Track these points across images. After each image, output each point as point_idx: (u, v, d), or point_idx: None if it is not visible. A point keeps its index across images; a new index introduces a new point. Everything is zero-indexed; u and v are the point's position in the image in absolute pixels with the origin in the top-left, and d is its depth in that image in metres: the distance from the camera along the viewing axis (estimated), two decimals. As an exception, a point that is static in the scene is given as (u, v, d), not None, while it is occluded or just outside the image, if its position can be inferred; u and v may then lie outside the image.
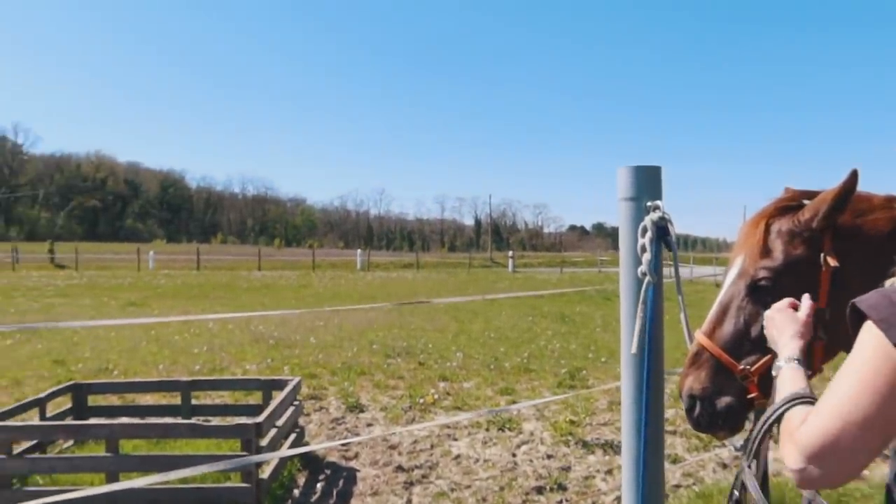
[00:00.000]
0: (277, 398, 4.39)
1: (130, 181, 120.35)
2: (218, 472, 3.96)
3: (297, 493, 4.27)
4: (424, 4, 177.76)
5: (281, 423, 4.30)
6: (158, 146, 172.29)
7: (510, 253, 49.77)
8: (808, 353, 1.46)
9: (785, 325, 1.38)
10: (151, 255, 40.87)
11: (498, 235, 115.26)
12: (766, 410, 1.22)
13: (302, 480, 4.47)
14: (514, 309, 15.41)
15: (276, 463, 4.16)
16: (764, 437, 1.29)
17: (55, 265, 40.48)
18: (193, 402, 5.32)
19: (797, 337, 1.35)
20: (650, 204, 1.70)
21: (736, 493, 1.49)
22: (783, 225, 1.54)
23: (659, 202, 1.70)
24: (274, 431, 4.11)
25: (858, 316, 1.04)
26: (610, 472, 4.62)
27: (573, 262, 57.24)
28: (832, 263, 1.44)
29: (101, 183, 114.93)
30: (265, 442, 3.87)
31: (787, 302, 1.42)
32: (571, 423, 5.68)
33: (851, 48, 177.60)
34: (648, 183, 1.73)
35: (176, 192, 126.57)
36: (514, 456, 4.96)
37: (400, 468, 4.68)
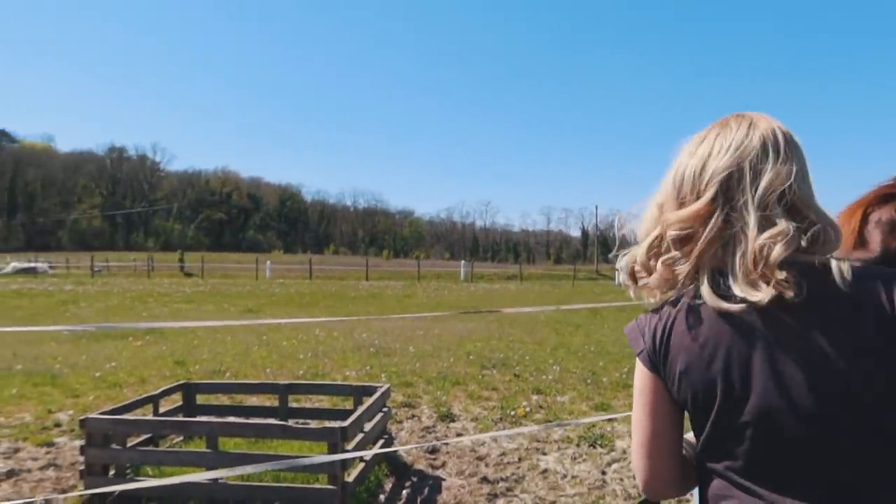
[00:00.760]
0: (366, 404, 4.50)
1: (252, 195, 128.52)
2: (308, 473, 4.11)
3: (382, 497, 4.35)
4: (532, 21, 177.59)
5: (368, 427, 4.41)
6: (278, 162, 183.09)
7: (617, 265, 48.31)
8: None
9: None
10: (268, 264, 43.35)
11: (605, 247, 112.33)
12: None
13: (388, 486, 4.55)
14: (618, 322, 14.95)
15: (362, 467, 4.26)
16: None
17: (184, 273, 43.85)
18: (294, 405, 5.57)
19: None
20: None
21: None
22: (883, 214, 1.40)
23: None
24: (360, 436, 4.21)
25: None
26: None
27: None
28: None
29: (226, 197, 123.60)
30: (351, 446, 3.97)
31: None
32: (668, 442, 5.41)
33: None
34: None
35: (293, 205, 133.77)
36: (603, 474, 4.79)
37: (485, 479, 4.65)
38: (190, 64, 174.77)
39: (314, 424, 5.35)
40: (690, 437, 1.23)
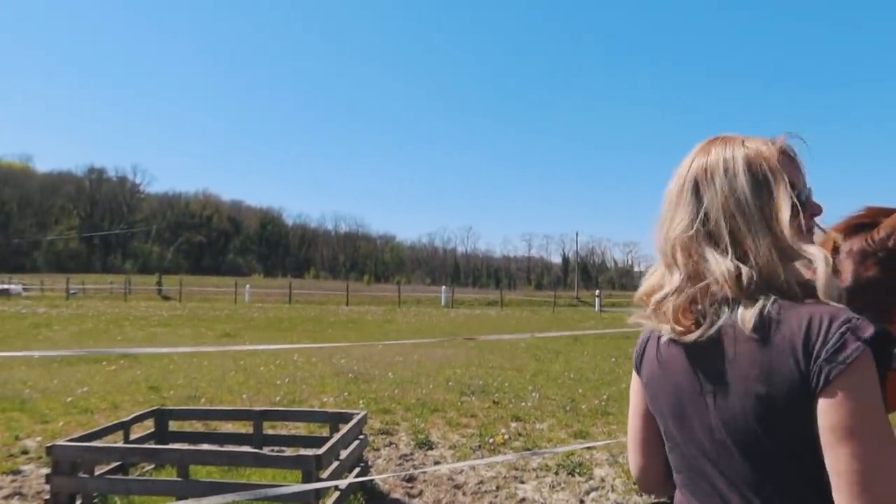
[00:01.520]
0: (341, 431, 4.44)
1: (233, 218, 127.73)
2: (282, 503, 4.03)
3: (357, 528, 4.27)
4: (509, 45, 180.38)
5: (344, 456, 4.34)
6: (260, 185, 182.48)
7: (597, 292, 48.41)
8: (881, 386, 1.33)
9: None
10: (248, 288, 42.91)
11: (586, 274, 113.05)
12: None
13: (364, 515, 4.48)
14: (597, 349, 14.97)
15: (337, 496, 4.19)
16: None
17: (162, 297, 43.24)
18: (270, 431, 5.49)
19: None
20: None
21: None
22: (854, 244, 1.42)
23: None
24: (336, 464, 4.15)
25: None
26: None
27: (665, 302, 54.91)
28: None
29: (207, 220, 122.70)
30: (326, 474, 3.91)
31: None
32: (646, 471, 5.40)
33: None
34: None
35: (274, 228, 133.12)
36: (581, 502, 4.77)
37: (462, 509, 4.60)
38: (173, 86, 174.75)
39: (289, 452, 5.27)
40: None
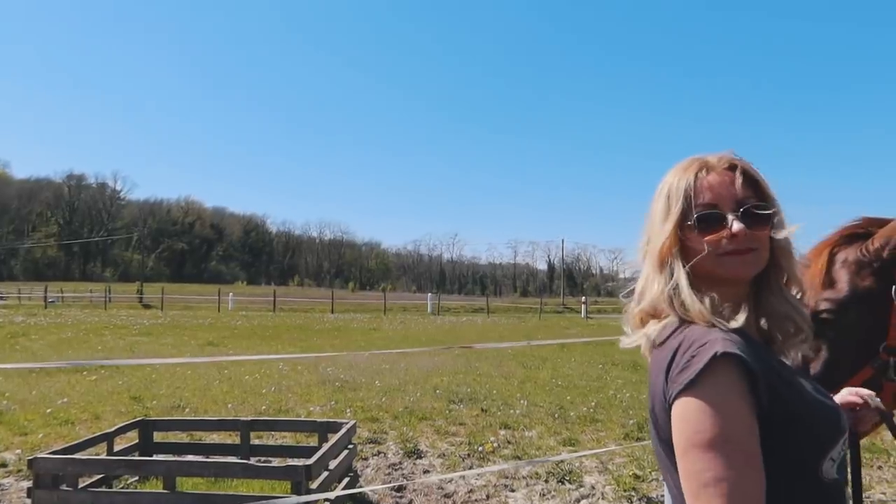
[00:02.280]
0: (331, 441, 4.38)
1: (216, 225, 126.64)
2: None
3: (347, 539, 4.21)
4: (495, 50, 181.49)
5: (333, 466, 4.28)
6: (243, 191, 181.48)
7: (583, 298, 48.53)
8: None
9: None
10: (231, 296, 42.55)
11: (571, 280, 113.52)
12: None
13: (354, 526, 4.41)
14: (584, 356, 14.99)
15: (326, 507, 4.13)
16: None
17: (143, 305, 42.73)
18: (256, 441, 5.41)
19: None
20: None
21: None
22: (849, 254, 1.42)
23: None
24: (325, 474, 4.09)
25: None
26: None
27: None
28: None
29: (189, 227, 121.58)
30: (315, 485, 3.85)
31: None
32: (636, 477, 5.39)
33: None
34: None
35: (257, 235, 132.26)
36: (573, 511, 4.74)
37: (453, 518, 4.55)
38: (155, 91, 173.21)
39: (277, 462, 5.20)
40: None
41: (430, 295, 49.92)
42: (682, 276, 1.07)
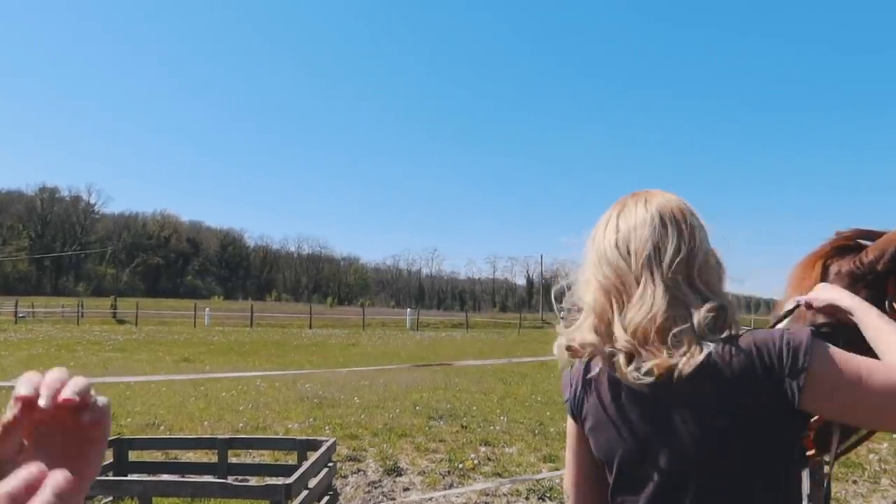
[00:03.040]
0: (311, 459, 4.33)
1: (192, 239, 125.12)
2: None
3: (327, 559, 4.15)
4: (474, 67, 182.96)
5: (313, 484, 4.23)
6: (221, 205, 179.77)
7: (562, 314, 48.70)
8: None
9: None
10: (207, 311, 41.98)
11: (550, 295, 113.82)
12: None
13: (333, 546, 4.36)
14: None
15: (306, 527, 4.07)
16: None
17: (116, 320, 41.98)
18: (233, 460, 5.32)
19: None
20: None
21: None
22: (843, 266, 1.42)
23: None
24: (305, 493, 4.03)
25: None
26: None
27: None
28: None
29: (164, 241, 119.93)
30: (295, 504, 3.79)
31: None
32: (617, 494, 5.40)
33: None
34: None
35: (234, 250, 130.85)
36: (554, 528, 4.73)
37: (434, 537, 4.52)
38: (131, 103, 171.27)
39: (255, 481, 5.11)
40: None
41: (409, 310, 49.79)
42: None
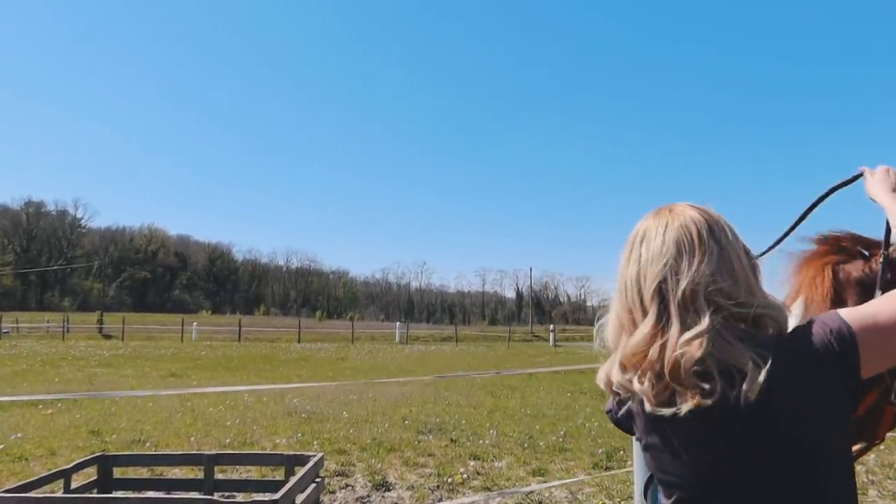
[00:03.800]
0: (298, 474, 4.30)
1: (180, 253, 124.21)
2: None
3: (314, 576, 4.11)
4: (460, 79, 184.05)
5: (301, 500, 4.19)
6: (209, 219, 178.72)
7: (551, 327, 48.79)
8: (875, 418, 1.33)
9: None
10: (195, 326, 41.68)
11: (540, 308, 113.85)
12: None
13: (321, 563, 4.31)
14: (553, 385, 15.03)
15: (293, 543, 4.03)
16: None
17: (103, 335, 41.57)
18: (220, 476, 5.26)
19: None
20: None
21: None
22: (853, 272, 1.41)
23: None
24: (292, 510, 4.00)
25: None
26: (646, 563, 4.33)
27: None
28: None
29: (152, 255, 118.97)
30: (282, 521, 3.76)
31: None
32: (606, 507, 5.40)
33: None
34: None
35: (223, 264, 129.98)
36: (543, 542, 4.71)
37: (423, 553, 4.49)
38: (118, 117, 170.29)
39: (242, 498, 5.08)
40: None
41: (398, 324, 49.66)
42: None
